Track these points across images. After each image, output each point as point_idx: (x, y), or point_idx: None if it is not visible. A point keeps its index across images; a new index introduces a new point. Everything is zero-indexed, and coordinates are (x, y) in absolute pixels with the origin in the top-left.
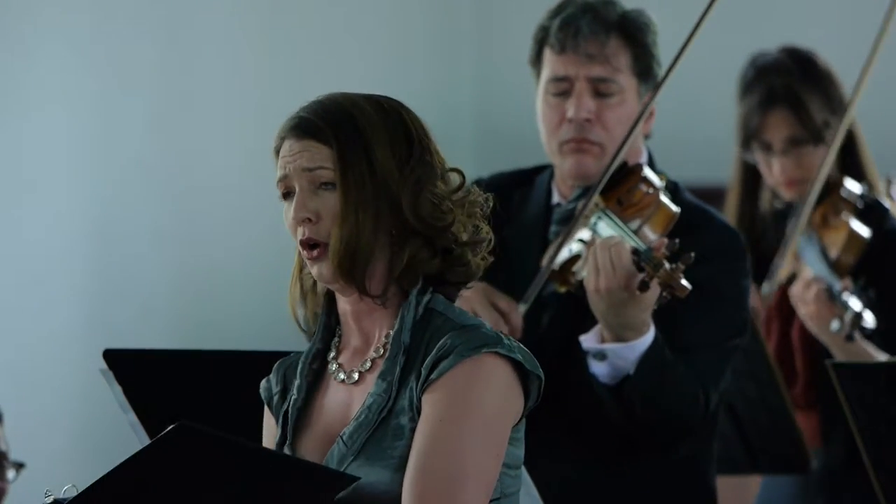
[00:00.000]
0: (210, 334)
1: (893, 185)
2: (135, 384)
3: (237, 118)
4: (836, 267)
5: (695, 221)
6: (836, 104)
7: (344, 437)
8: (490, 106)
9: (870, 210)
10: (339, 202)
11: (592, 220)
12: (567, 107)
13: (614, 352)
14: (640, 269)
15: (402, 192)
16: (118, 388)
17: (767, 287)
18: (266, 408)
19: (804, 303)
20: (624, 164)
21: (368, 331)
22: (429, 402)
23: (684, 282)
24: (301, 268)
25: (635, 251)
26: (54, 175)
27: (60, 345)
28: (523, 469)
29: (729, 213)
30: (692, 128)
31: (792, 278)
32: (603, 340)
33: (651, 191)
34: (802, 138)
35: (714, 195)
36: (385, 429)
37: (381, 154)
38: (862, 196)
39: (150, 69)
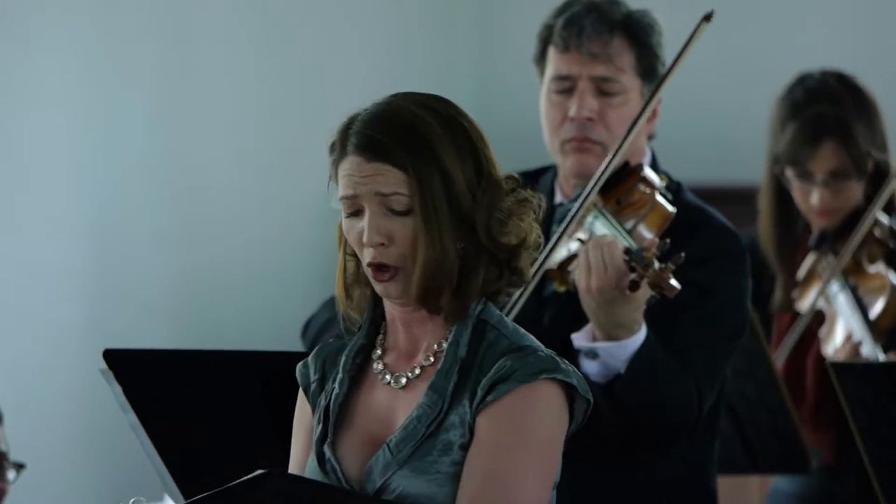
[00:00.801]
0: (210, 334)
1: None
2: (135, 384)
3: (237, 118)
4: (873, 328)
5: (694, 222)
6: (878, 137)
7: (391, 445)
8: (490, 106)
9: None
10: (416, 228)
11: (589, 219)
12: (569, 105)
13: (606, 350)
14: (632, 269)
15: (476, 213)
16: (118, 388)
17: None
18: (301, 392)
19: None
20: (626, 165)
21: (417, 336)
22: (484, 425)
23: (674, 282)
24: (345, 266)
25: (627, 250)
26: (54, 175)
27: (60, 345)
28: None
29: (762, 232)
30: (693, 128)
31: (819, 318)
32: (594, 339)
33: (648, 191)
34: (846, 172)
35: (715, 195)
36: (433, 442)
37: (455, 177)
38: (892, 229)
39: (151, 69)
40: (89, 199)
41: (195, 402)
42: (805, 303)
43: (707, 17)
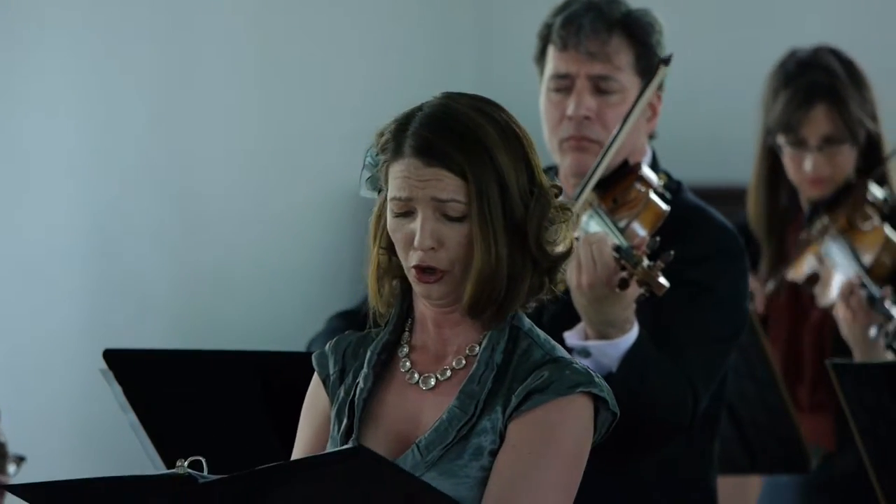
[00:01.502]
0: (210, 334)
1: None
2: (135, 384)
3: (237, 118)
4: (872, 273)
5: (693, 221)
6: (869, 108)
7: (420, 447)
8: None
9: (894, 214)
10: (469, 235)
11: (584, 218)
12: (567, 104)
13: (598, 349)
14: (622, 267)
15: (528, 223)
16: (118, 388)
17: (772, 285)
18: (317, 381)
19: (845, 306)
20: (625, 163)
21: (447, 338)
22: (516, 432)
23: (662, 280)
24: (378, 261)
25: (617, 248)
26: (55, 175)
27: (60, 345)
28: None
29: (751, 204)
30: (691, 128)
31: (812, 279)
32: (587, 337)
33: (644, 189)
34: (839, 137)
35: (712, 195)
36: (463, 446)
37: (511, 187)
38: (886, 200)
39: (151, 69)
40: (89, 198)
41: (195, 402)
42: (800, 271)
43: (665, 61)
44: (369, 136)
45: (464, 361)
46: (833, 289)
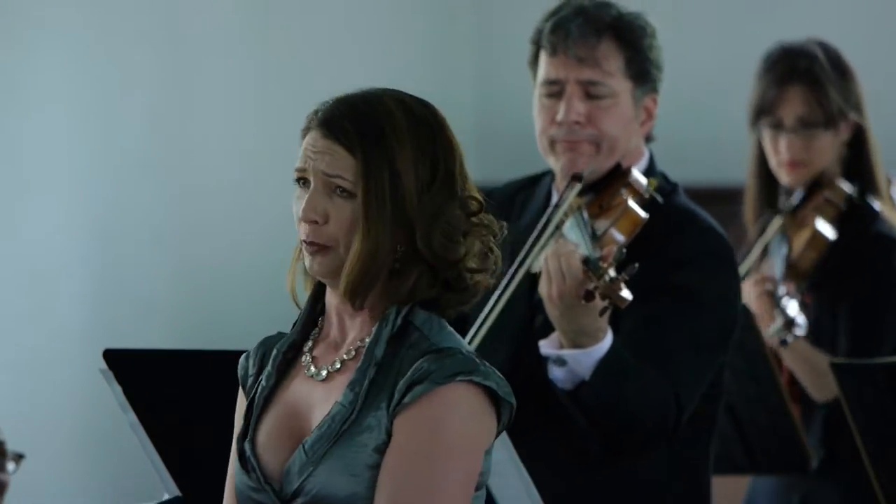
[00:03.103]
0: (210, 334)
1: (893, 185)
2: (135, 384)
3: (237, 118)
4: (792, 268)
5: (680, 224)
6: (852, 99)
7: (306, 447)
8: (490, 106)
9: (856, 212)
10: (355, 215)
11: (568, 223)
12: (558, 109)
13: (572, 358)
14: (589, 279)
15: (417, 219)
16: (118, 388)
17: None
18: (241, 388)
19: (751, 301)
20: (617, 167)
21: (347, 329)
22: (400, 428)
23: (624, 293)
24: (300, 254)
25: (585, 259)
26: (54, 175)
27: (60, 345)
28: (522, 468)
29: (748, 200)
30: (691, 129)
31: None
32: (561, 347)
33: (626, 195)
34: (815, 120)
35: (712, 196)
36: (348, 441)
37: (404, 176)
38: (851, 197)
39: (150, 69)
40: (89, 198)
41: (195, 402)
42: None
43: (577, 178)
44: None
45: (353, 353)
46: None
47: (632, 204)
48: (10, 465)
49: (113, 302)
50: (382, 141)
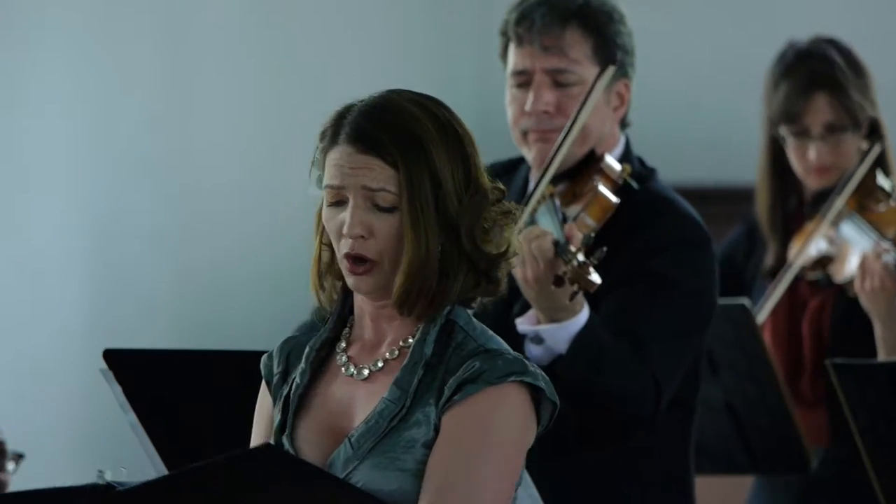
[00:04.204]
0: (210, 334)
1: None
2: (135, 384)
3: (237, 118)
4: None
5: (656, 209)
6: (870, 97)
7: (352, 440)
8: (490, 106)
9: None
10: (401, 227)
11: (541, 209)
12: (526, 99)
13: (548, 333)
14: (559, 263)
15: (461, 220)
16: (118, 388)
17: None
18: (264, 384)
19: (871, 275)
20: (591, 153)
21: (384, 330)
22: (449, 424)
23: (593, 277)
24: (320, 256)
25: (555, 243)
26: (54, 174)
27: (60, 345)
28: (524, 470)
29: (758, 199)
30: (690, 128)
31: (819, 263)
32: (538, 323)
33: (598, 180)
34: (841, 125)
35: (712, 195)
36: (396, 438)
37: (443, 180)
38: (894, 188)
39: (150, 69)
40: (89, 198)
41: (195, 402)
42: (807, 255)
43: (613, 61)
44: None
45: (397, 352)
46: (852, 263)
47: (602, 189)
48: (10, 465)
49: (113, 302)
50: (419, 149)
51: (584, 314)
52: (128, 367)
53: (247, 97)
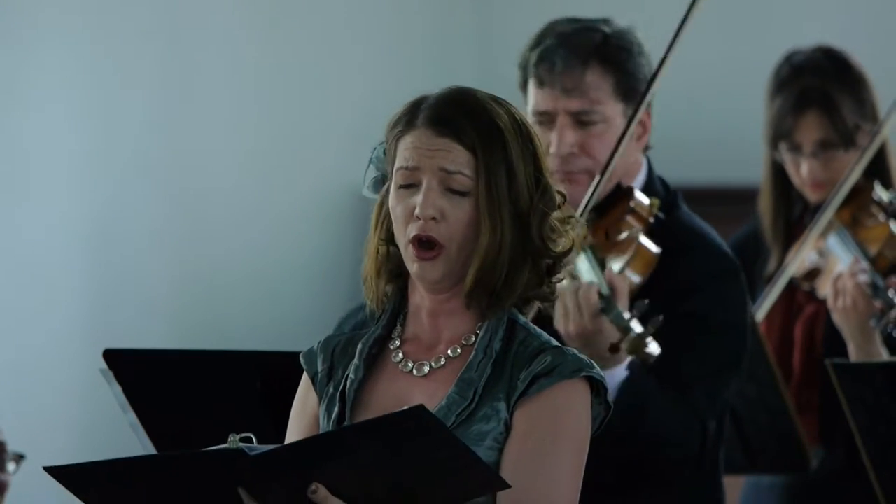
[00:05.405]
0: (210, 334)
1: None
2: (135, 384)
3: (237, 118)
4: (876, 263)
5: (685, 244)
6: (867, 109)
7: None
8: None
9: None
10: (473, 213)
11: (578, 259)
12: (550, 140)
13: None
14: (614, 331)
15: (532, 216)
16: (118, 388)
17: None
18: (306, 379)
19: (844, 293)
20: (618, 186)
21: (441, 328)
22: (524, 419)
23: (650, 349)
24: (377, 250)
25: (600, 294)
26: (54, 175)
27: (60, 345)
28: None
29: (763, 215)
30: (692, 128)
31: (810, 275)
32: None
33: (635, 225)
34: (833, 142)
35: (713, 195)
36: (465, 431)
37: (518, 173)
38: (891, 202)
39: (150, 69)
40: (89, 199)
41: (195, 402)
42: (802, 266)
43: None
44: (369, 136)
45: (459, 350)
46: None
47: (644, 241)
48: (11, 465)
49: (113, 302)
50: (498, 138)
51: (625, 362)
52: (128, 367)
53: (247, 97)
